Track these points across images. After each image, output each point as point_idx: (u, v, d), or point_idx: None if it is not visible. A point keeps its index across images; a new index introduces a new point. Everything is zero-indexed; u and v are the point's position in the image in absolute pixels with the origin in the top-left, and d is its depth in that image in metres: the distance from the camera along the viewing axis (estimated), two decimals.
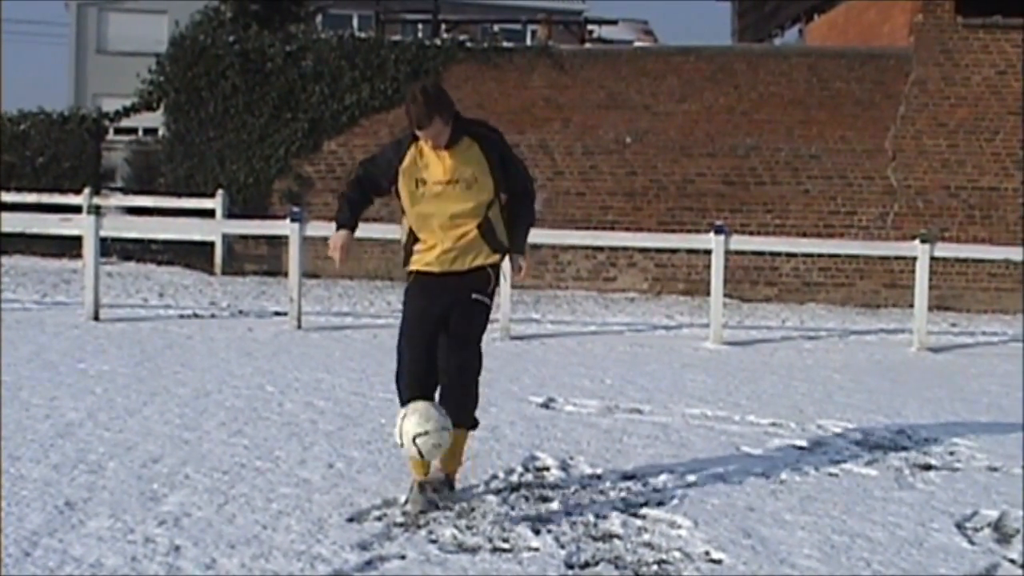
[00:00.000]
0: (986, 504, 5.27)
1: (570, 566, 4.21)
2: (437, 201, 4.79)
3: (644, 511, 4.94)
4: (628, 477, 5.50)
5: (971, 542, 4.70)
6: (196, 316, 11.24)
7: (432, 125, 4.68)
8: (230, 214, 15.77)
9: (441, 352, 4.88)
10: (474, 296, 4.88)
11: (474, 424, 5.04)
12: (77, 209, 15.00)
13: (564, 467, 5.65)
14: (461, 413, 4.86)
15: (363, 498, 4.95)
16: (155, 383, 7.47)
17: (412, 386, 4.85)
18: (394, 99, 15.93)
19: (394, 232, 5.69)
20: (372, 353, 9.22)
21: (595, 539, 4.54)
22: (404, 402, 4.83)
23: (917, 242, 11.43)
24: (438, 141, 4.75)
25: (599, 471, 5.59)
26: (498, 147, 4.89)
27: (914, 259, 11.41)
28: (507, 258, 5.03)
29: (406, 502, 4.84)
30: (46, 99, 49.10)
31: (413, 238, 4.94)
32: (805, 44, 21.39)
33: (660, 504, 5.05)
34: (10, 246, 16.53)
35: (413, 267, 4.96)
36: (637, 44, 21.44)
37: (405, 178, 4.84)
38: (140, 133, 22.04)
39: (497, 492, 5.10)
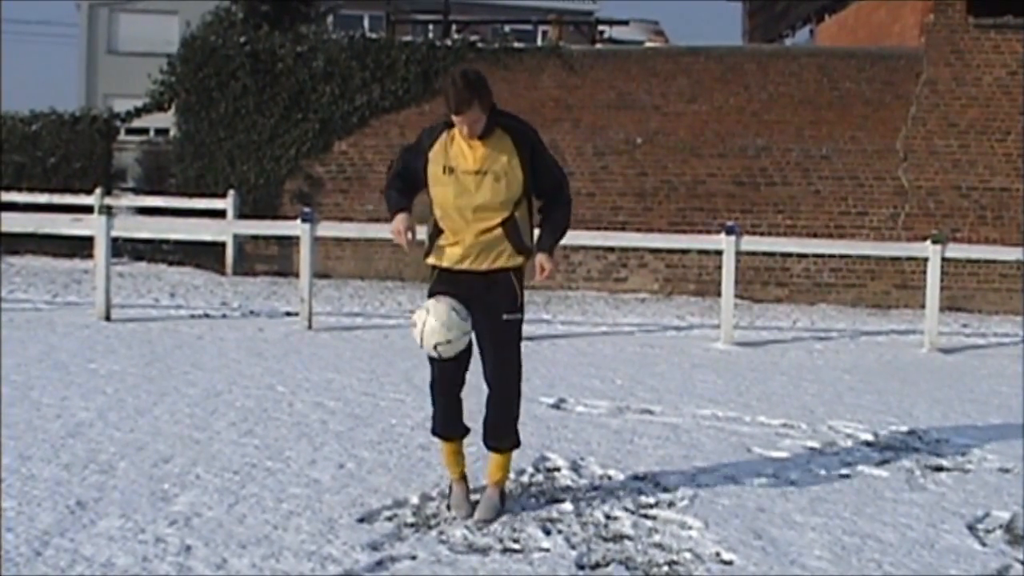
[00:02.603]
0: (997, 505, 5.26)
1: (581, 567, 4.21)
2: (464, 191, 4.63)
3: (655, 512, 4.94)
4: (639, 478, 5.50)
5: (982, 543, 4.68)
6: (207, 316, 11.27)
7: (471, 111, 4.52)
8: (241, 214, 15.82)
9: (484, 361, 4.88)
10: (506, 318, 4.77)
11: (517, 443, 5.00)
12: (88, 209, 15.03)
13: (575, 468, 5.65)
14: (506, 438, 4.92)
15: (374, 498, 4.95)
16: (165, 383, 7.49)
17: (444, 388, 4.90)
18: (404, 99, 15.97)
19: None
20: (383, 353, 9.23)
21: (606, 540, 4.54)
22: (434, 388, 4.91)
23: (928, 243, 11.39)
24: (473, 129, 4.59)
25: (610, 472, 5.59)
26: (530, 141, 4.72)
27: (925, 260, 11.39)
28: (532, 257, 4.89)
29: (449, 507, 4.86)
30: (57, 99, 49.42)
31: (438, 229, 4.78)
32: (815, 44, 21.35)
33: (671, 505, 5.05)
34: (21, 246, 16.63)
35: (434, 261, 4.82)
36: (648, 44, 21.41)
37: (433, 164, 4.70)
38: (151, 133, 22.11)
39: (508, 492, 5.09)
